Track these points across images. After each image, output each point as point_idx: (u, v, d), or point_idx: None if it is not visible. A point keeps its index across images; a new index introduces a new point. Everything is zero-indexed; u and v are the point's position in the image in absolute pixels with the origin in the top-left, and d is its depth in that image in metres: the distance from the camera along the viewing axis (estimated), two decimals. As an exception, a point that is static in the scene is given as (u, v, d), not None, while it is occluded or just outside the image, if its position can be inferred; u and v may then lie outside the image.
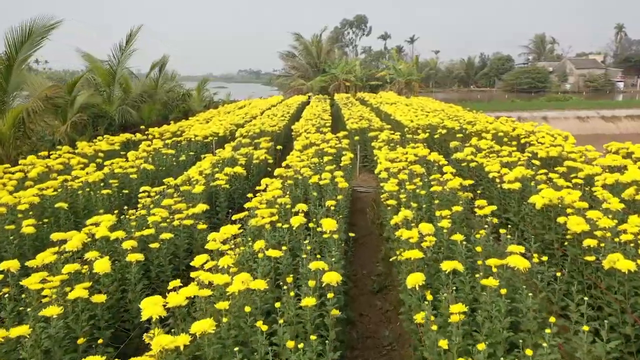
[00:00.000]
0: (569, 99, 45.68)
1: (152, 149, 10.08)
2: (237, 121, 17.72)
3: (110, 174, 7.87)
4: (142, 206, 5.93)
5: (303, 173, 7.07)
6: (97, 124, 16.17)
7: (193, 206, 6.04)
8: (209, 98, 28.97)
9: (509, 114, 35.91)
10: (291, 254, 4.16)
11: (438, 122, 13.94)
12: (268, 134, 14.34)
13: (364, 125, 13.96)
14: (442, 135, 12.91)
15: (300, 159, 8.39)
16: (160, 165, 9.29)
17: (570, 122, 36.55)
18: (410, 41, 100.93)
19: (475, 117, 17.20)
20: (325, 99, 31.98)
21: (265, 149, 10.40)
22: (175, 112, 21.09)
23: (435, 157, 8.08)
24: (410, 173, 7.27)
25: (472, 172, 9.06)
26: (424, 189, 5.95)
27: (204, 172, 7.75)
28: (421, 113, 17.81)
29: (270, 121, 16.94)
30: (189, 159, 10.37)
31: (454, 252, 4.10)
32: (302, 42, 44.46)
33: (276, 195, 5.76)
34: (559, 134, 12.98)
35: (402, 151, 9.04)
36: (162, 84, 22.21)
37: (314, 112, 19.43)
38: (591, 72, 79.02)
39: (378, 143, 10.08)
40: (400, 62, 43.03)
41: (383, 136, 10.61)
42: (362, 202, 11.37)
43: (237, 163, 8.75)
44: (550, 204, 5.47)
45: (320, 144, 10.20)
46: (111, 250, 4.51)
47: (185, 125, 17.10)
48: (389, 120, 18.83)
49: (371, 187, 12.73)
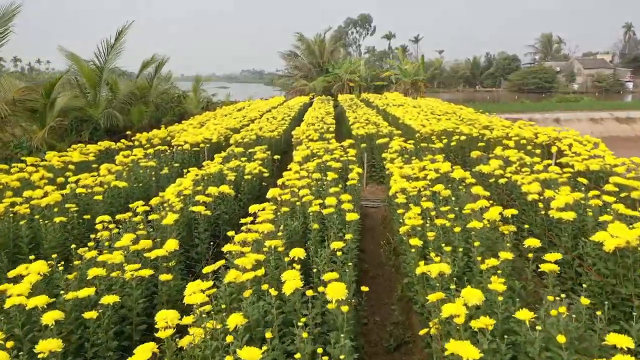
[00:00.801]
0: (580, 100, 44.18)
1: (130, 161, 8.77)
2: (233, 125, 16.41)
3: (72, 195, 6.57)
4: (93, 245, 4.61)
5: (302, 196, 5.75)
6: (81, 129, 14.89)
7: (162, 242, 4.74)
8: (207, 99, 27.64)
9: (519, 115, 34.54)
10: (280, 343, 2.83)
11: (453, 128, 12.60)
12: (265, 141, 13.02)
13: (371, 130, 12.64)
14: (459, 142, 11.58)
15: (300, 175, 7.07)
16: (137, 181, 7.99)
17: (584, 124, 35.12)
18: (415, 41, 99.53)
19: (491, 121, 15.86)
20: (329, 100, 30.66)
21: (260, 160, 9.09)
22: (169, 115, 19.79)
23: (460, 173, 6.74)
24: (433, 197, 5.94)
25: (501, 190, 7.72)
26: (457, 222, 4.63)
27: (183, 193, 6.44)
28: (432, 117, 16.47)
29: (269, 125, 15.64)
30: (174, 172, 9.06)
31: (519, 339, 2.77)
32: (305, 41, 43.13)
33: (265, 232, 4.45)
34: (587, 140, 11.64)
35: (419, 165, 7.71)
36: (157, 85, 20.93)
37: (316, 115, 18.12)
38: (600, 72, 77.54)
39: (390, 154, 8.75)
40: (405, 61, 41.63)
41: (395, 145, 9.28)
42: (371, 218, 10.04)
43: (225, 180, 7.43)
44: (626, 247, 4.14)
45: (323, 154, 8.89)
46: (28, 325, 3.20)
47: (177, 130, 15.80)
48: (397, 124, 17.50)
49: (380, 201, 11.41)
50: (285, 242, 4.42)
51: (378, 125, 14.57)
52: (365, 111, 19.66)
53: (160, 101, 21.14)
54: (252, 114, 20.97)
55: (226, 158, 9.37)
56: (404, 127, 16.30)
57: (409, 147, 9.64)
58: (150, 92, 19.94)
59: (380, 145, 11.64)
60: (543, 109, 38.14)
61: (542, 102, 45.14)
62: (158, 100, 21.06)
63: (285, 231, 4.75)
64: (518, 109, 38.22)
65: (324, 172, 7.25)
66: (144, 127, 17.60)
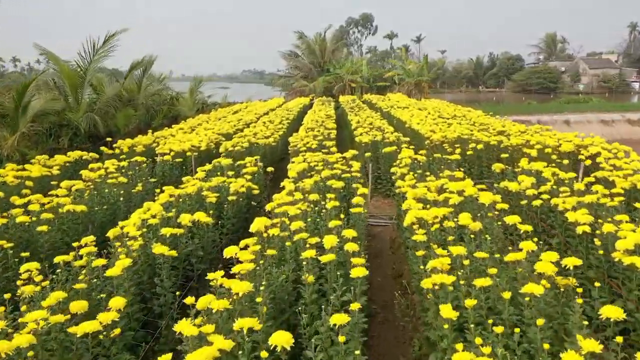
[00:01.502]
0: (589, 101, 42.80)
1: (98, 176, 7.52)
2: (226, 130, 15.16)
3: (13, 224, 5.34)
4: (4, 311, 3.37)
5: (293, 231, 4.51)
6: (60, 135, 13.66)
7: (110, 297, 3.52)
8: (202, 101, 26.41)
9: (527, 117, 33.23)
10: None
11: (468, 135, 11.35)
12: (259, 149, 11.78)
13: (377, 137, 11.39)
14: (475, 151, 10.33)
15: (293, 197, 5.83)
16: (103, 203, 6.74)
17: (594, 126, 33.85)
18: (417, 40, 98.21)
19: (504, 126, 14.61)
20: (330, 101, 29.39)
21: (250, 175, 7.84)
22: (160, 119, 18.54)
23: (489, 197, 5.48)
24: (459, 232, 4.71)
25: (534, 213, 6.47)
26: (502, 277, 3.38)
27: (148, 222, 5.20)
28: (441, 121, 15.21)
29: (265, 130, 14.39)
30: (150, 188, 7.81)
31: None
32: (305, 40, 41.87)
33: (240, 293, 3.21)
34: (616, 148, 10.42)
35: (436, 184, 6.47)
36: (147, 86, 19.69)
37: (316, 119, 16.87)
38: (605, 72, 76.23)
39: (400, 169, 7.49)
40: (409, 61, 40.34)
41: (405, 158, 8.03)
42: (378, 240, 8.79)
43: (204, 202, 6.19)
44: None
45: (322, 168, 7.65)
46: None
47: (164, 135, 14.57)
48: (403, 129, 16.25)
49: (387, 217, 10.16)
50: (267, 307, 3.19)
51: (383, 131, 13.33)
52: (368, 114, 18.41)
53: (151, 103, 19.90)
54: (249, 117, 19.73)
55: (211, 172, 8.13)
56: (411, 133, 15.05)
57: (421, 158, 8.39)
58: (140, 93, 18.69)
59: (388, 155, 10.40)
60: (551, 111, 36.80)
61: (549, 103, 43.81)
62: (149, 102, 19.82)
63: (269, 289, 3.51)
64: (525, 111, 36.89)
65: (322, 193, 6.01)
66: (132, 132, 16.38)
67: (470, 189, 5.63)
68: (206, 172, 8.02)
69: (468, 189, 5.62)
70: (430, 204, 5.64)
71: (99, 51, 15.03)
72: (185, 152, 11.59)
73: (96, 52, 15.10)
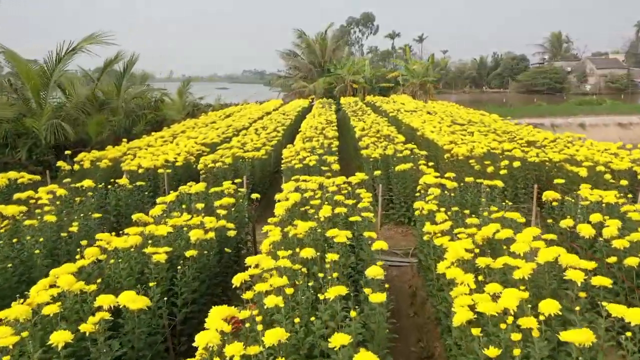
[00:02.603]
0: (602, 102, 40.76)
1: (19, 212, 5.56)
2: (211, 139, 13.21)
3: None
4: None
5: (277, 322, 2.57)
6: (16, 146, 11.72)
7: None
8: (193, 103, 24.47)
9: (539, 120, 31.26)
10: None
11: (498, 148, 9.40)
12: (246, 165, 9.82)
13: (387, 151, 9.44)
14: (510, 169, 8.39)
15: (279, 255, 3.89)
16: (13, 256, 4.79)
17: (611, 130, 31.90)
18: (419, 40, 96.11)
19: (533, 134, 12.71)
20: (330, 104, 27.40)
21: (224, 210, 5.90)
22: (142, 125, 16.56)
23: (570, 259, 3.55)
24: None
25: (625, 274, 4.54)
26: None
27: (42, 312, 3.26)
28: (458, 128, 13.24)
29: (256, 140, 12.44)
30: (91, 230, 5.84)
31: None
32: (305, 39, 39.85)
33: None
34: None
35: (482, 235, 4.53)
36: (127, 88, 17.75)
37: (315, 125, 14.92)
38: (613, 73, 74.32)
39: (428, 205, 5.49)
40: (414, 61, 38.34)
41: (432, 187, 6.05)
42: (393, 290, 6.62)
43: (148, 264, 4.24)
44: None
45: (320, 201, 5.71)
46: None
47: (141, 146, 12.62)
48: (413, 137, 14.32)
49: (402, 252, 8.23)
50: None
51: (393, 141, 11.39)
52: (373, 119, 16.43)
53: (134, 107, 17.95)
54: (241, 122, 17.77)
55: (170, 206, 6.16)
56: (424, 142, 13.12)
57: (450, 184, 6.42)
58: (119, 96, 16.75)
59: (401, 175, 8.48)
60: (564, 113, 34.77)
61: (560, 105, 41.74)
62: (131, 106, 17.88)
63: None
64: (535, 113, 34.88)
65: (322, 253, 4.07)
66: (106, 141, 14.43)
67: (547, 252, 3.66)
68: (168, 204, 6.07)
69: (544, 254, 3.66)
70: (483, 274, 3.71)
71: (68, 51, 13.07)
72: (157, 168, 9.66)
73: (66, 51, 13.15)
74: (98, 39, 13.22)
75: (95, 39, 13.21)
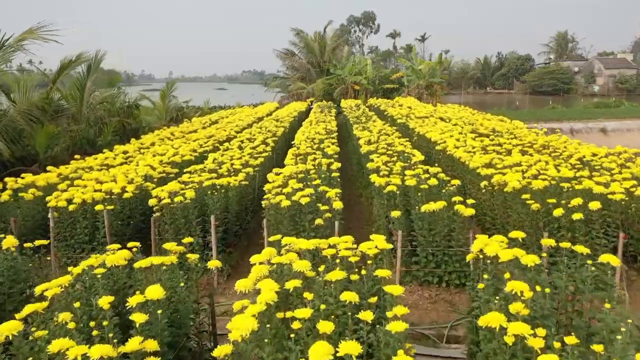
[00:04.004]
0: (620, 105, 38.23)
1: None
2: (181, 156, 10.64)
3: None
4: None
5: None
6: None
7: None
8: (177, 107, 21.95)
9: (557, 124, 28.69)
10: None
11: (554, 176, 6.89)
12: (214, 202, 7.26)
13: (409, 182, 6.89)
14: (584, 209, 5.90)
15: None
16: None
17: (635, 135, 29.30)
18: (422, 40, 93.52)
19: (577, 149, 10.27)
20: (330, 107, 24.90)
21: (143, 316, 3.39)
22: (107, 135, 14.02)
23: None
24: None
25: None
26: None
27: None
28: (490, 143, 10.68)
29: (238, 156, 9.92)
30: None
31: None
32: (303, 37, 37.32)
33: None
34: None
35: None
36: (92, 92, 15.23)
37: (313, 136, 12.39)
38: (622, 73, 71.85)
39: (488, 297, 2.99)
40: (419, 61, 35.80)
41: (523, 289, 3.53)
42: None
43: None
44: None
45: (315, 296, 3.22)
46: None
47: (94, 166, 10.10)
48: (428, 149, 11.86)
49: (434, 330, 5.73)
50: None
51: (409, 160, 8.91)
52: (380, 127, 13.90)
53: (102, 114, 15.44)
54: (226, 131, 15.26)
55: (68, 293, 3.67)
56: (443, 158, 10.65)
57: (528, 260, 3.90)
58: (82, 101, 14.24)
59: (426, 214, 6.00)
60: (582, 117, 32.23)
61: (576, 108, 39.19)
62: (99, 112, 15.37)
63: None
64: (551, 116, 32.37)
65: None
66: (61, 156, 11.94)
67: None
68: (63, 288, 3.56)
69: None
70: None
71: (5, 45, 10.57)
72: (96, 203, 7.15)
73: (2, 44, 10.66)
74: (39, 34, 10.70)
75: (35, 33, 10.69)
